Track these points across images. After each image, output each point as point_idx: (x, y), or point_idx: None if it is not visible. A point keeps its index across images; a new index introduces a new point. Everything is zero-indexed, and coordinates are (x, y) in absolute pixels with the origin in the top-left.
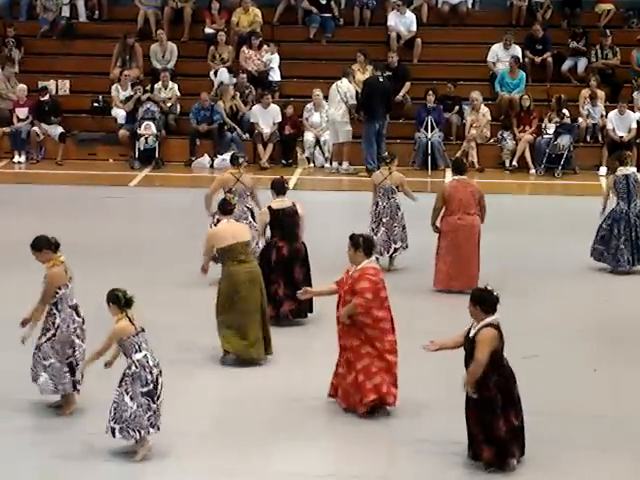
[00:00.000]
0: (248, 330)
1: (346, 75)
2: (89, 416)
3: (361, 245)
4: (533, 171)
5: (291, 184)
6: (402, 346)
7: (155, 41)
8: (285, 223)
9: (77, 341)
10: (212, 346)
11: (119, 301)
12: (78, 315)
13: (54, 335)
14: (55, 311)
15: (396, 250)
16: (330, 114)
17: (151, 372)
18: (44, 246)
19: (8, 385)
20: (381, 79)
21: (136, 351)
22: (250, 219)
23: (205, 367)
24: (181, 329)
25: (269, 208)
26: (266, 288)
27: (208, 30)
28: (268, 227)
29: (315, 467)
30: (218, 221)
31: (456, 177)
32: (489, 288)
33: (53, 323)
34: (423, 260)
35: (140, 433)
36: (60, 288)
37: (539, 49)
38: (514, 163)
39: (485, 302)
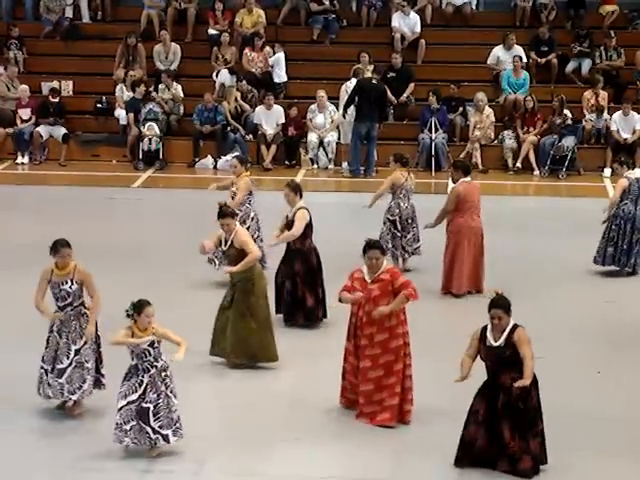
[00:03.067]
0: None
1: (356, 75)
2: (101, 417)
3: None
4: (537, 172)
5: None
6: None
7: (158, 42)
8: (312, 225)
9: (101, 338)
10: None
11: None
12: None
13: (84, 342)
14: (85, 310)
15: (417, 248)
16: (340, 114)
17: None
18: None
19: (15, 387)
20: (374, 81)
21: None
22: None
23: (211, 369)
24: (183, 329)
25: (307, 210)
26: (311, 292)
27: (211, 31)
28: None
29: (320, 469)
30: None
31: (466, 179)
32: (502, 293)
33: (81, 326)
34: (427, 261)
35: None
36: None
37: (544, 50)
38: (518, 164)
39: (509, 307)
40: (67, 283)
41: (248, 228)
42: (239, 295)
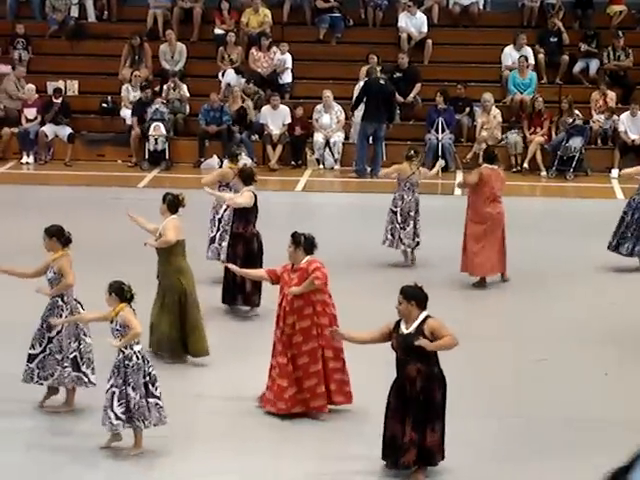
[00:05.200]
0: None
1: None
2: (89, 415)
3: (302, 242)
4: (544, 173)
5: (300, 185)
6: None
7: (164, 41)
8: (257, 211)
9: (82, 335)
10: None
11: (123, 295)
12: (82, 309)
13: (61, 330)
14: (62, 303)
15: (418, 243)
16: (355, 114)
17: (149, 365)
18: (55, 234)
19: (10, 386)
20: (382, 81)
21: (137, 342)
22: None
23: (204, 367)
24: None
25: (253, 193)
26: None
27: (218, 31)
28: (237, 214)
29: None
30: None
31: (489, 165)
32: (418, 285)
33: (60, 316)
34: (434, 255)
35: (144, 423)
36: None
37: (554, 41)
38: (525, 165)
39: (420, 298)
40: (49, 271)
41: (220, 219)
42: (161, 290)
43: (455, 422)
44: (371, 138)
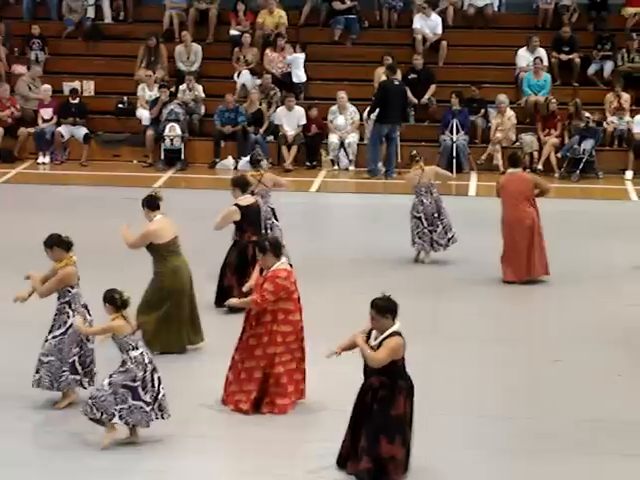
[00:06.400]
0: (194, 322)
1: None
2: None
3: (268, 248)
4: (557, 175)
5: (315, 186)
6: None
7: (180, 42)
8: (254, 219)
9: (85, 340)
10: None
11: (115, 302)
12: (89, 314)
13: (64, 334)
14: (68, 309)
15: (450, 239)
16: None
17: (145, 369)
18: (55, 243)
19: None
20: (396, 82)
21: (133, 348)
22: (273, 219)
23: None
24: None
25: (238, 206)
26: (239, 283)
27: (233, 32)
28: (233, 224)
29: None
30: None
31: (511, 170)
32: (388, 295)
33: (65, 322)
34: (450, 255)
35: (102, 415)
36: (72, 287)
37: (566, 50)
38: (539, 167)
39: (394, 309)
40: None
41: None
42: (149, 288)
43: (469, 422)
44: (384, 139)
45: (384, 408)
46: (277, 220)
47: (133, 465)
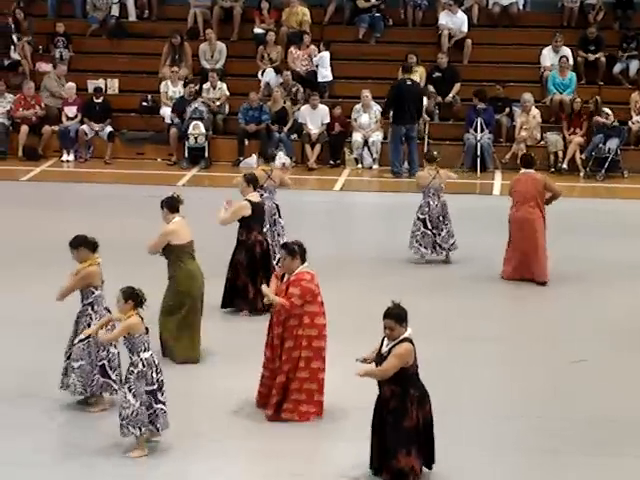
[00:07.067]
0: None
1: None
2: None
3: (298, 252)
4: (583, 174)
5: (338, 185)
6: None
7: (204, 40)
8: (261, 217)
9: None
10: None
11: (137, 299)
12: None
13: (89, 337)
14: (91, 311)
15: (452, 244)
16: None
17: (157, 371)
18: (81, 244)
19: (37, 383)
20: (409, 82)
21: (145, 349)
22: (277, 216)
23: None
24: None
25: (249, 202)
26: (253, 282)
27: (257, 30)
28: (239, 221)
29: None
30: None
31: (523, 171)
32: (399, 303)
33: (89, 325)
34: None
35: (140, 430)
36: (96, 288)
37: (592, 50)
38: (564, 166)
39: (406, 317)
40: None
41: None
42: (167, 292)
43: (483, 422)
44: (404, 139)
45: (397, 421)
46: (281, 217)
47: (150, 471)
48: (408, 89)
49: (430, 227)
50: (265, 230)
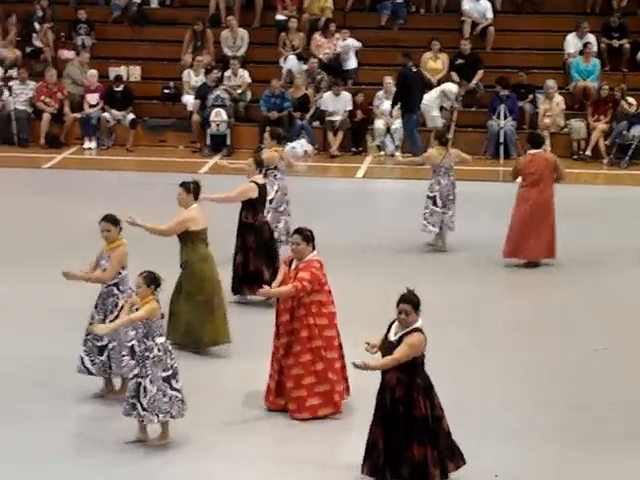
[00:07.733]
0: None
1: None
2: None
3: (312, 238)
4: (606, 161)
5: (361, 172)
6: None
7: (226, 27)
8: (264, 200)
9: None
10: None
11: (158, 284)
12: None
13: (117, 317)
14: (117, 291)
15: (453, 223)
16: (425, 100)
17: (172, 357)
18: (118, 223)
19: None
20: (414, 69)
21: (159, 335)
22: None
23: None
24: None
25: (256, 183)
26: (267, 265)
27: (279, 16)
28: (244, 203)
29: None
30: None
31: (532, 151)
32: (413, 289)
33: (116, 305)
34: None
35: (158, 417)
36: (123, 269)
37: (615, 37)
38: (587, 153)
39: (418, 304)
40: (104, 259)
41: (271, 200)
42: (183, 278)
43: (506, 411)
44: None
45: (406, 411)
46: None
47: (159, 468)
48: (413, 76)
49: (440, 205)
50: (282, 209)
